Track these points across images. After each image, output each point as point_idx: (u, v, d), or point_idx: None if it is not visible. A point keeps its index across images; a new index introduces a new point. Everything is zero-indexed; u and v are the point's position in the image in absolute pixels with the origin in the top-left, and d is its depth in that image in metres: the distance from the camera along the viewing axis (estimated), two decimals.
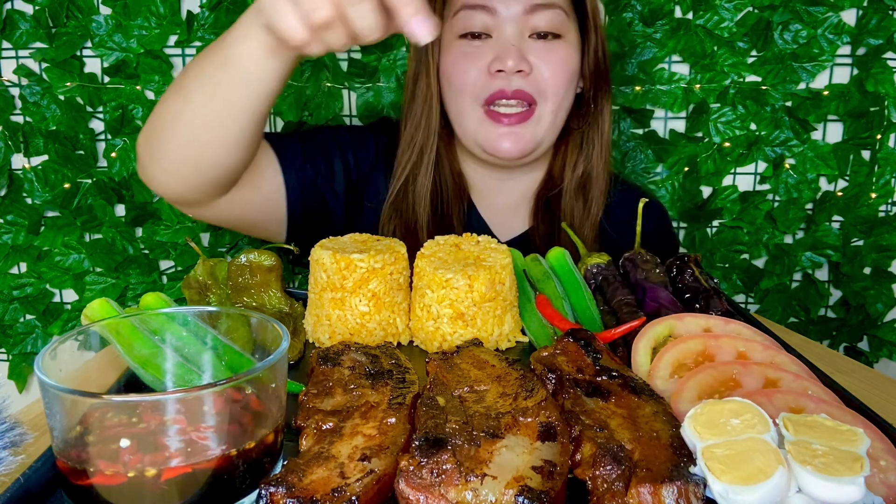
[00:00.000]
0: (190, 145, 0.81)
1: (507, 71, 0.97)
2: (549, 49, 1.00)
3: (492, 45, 1.00)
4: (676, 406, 0.52)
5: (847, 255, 1.43)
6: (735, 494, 0.39)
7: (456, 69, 1.01)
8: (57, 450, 0.43)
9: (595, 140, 1.09)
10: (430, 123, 1.05)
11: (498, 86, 0.98)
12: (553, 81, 1.00)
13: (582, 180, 1.09)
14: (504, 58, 0.97)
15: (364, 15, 0.59)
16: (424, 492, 0.43)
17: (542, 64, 0.99)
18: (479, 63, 0.99)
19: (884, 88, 1.34)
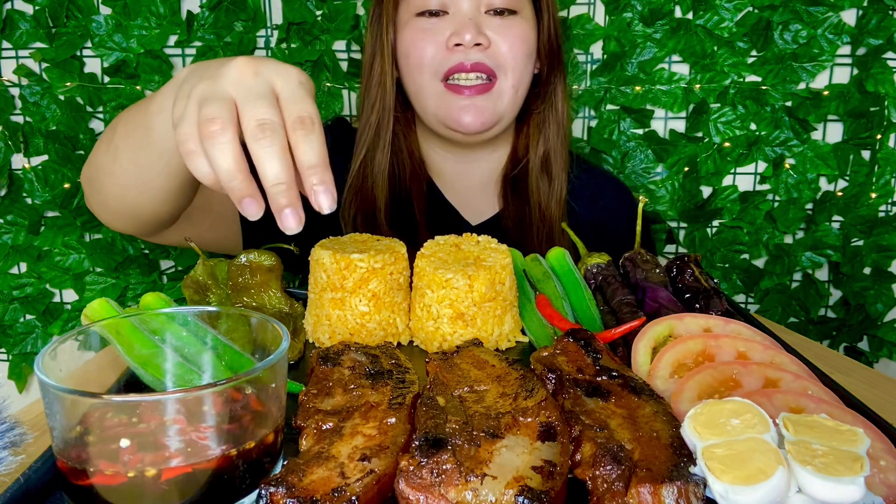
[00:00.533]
0: (123, 197, 0.81)
1: (466, 44, 0.97)
2: (506, 24, 1.01)
3: (448, 20, 1.00)
4: (676, 406, 0.52)
5: (847, 255, 1.43)
6: (735, 494, 0.39)
7: (414, 46, 1.01)
8: (57, 450, 0.43)
9: (550, 119, 1.09)
10: (385, 103, 1.05)
11: (457, 59, 0.98)
12: (511, 55, 1.00)
13: (543, 159, 1.09)
14: (462, 32, 0.97)
15: (221, 156, 0.52)
16: (424, 492, 0.43)
17: (499, 38, 1.00)
18: (437, 38, 1.00)
19: (884, 88, 1.34)
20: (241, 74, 0.55)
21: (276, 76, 0.55)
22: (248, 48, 1.37)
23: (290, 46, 1.38)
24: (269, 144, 0.52)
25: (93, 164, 0.83)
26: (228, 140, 0.52)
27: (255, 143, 0.52)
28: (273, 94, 0.54)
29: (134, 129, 0.75)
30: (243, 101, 0.53)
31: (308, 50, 1.37)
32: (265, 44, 1.39)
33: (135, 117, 0.75)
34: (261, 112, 0.52)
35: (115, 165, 0.79)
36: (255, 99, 0.53)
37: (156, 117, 0.69)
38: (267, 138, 0.52)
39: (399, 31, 1.03)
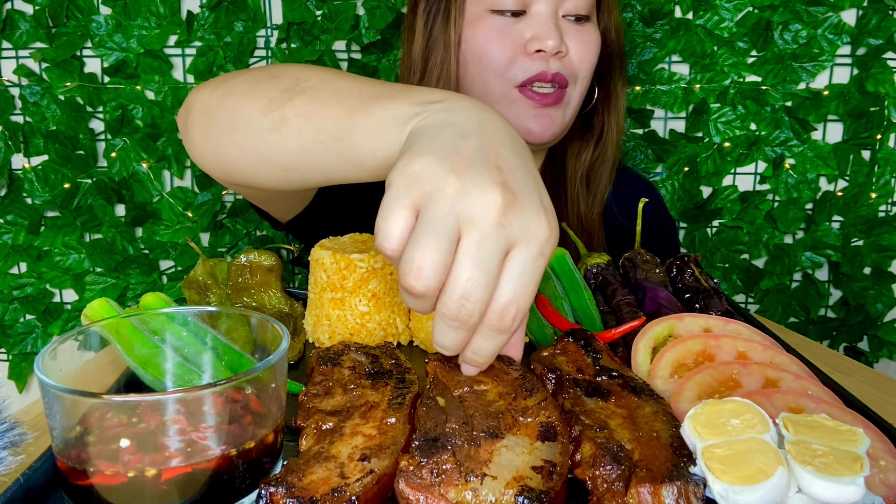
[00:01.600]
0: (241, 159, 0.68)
1: (548, 51, 0.93)
2: (580, 31, 0.97)
3: (526, 22, 0.94)
4: (676, 406, 0.52)
5: (847, 255, 1.43)
6: (735, 494, 0.39)
7: (489, 46, 0.95)
8: (57, 450, 0.43)
9: (612, 124, 1.06)
10: None
11: (538, 67, 0.93)
12: (584, 65, 0.97)
13: (591, 165, 1.07)
14: (544, 38, 0.92)
15: None
16: (424, 492, 0.43)
17: (573, 46, 0.96)
18: (514, 41, 0.94)
19: (884, 88, 1.34)
20: (486, 211, 0.43)
21: (521, 238, 0.44)
22: (248, 48, 1.37)
23: (290, 46, 1.38)
24: (456, 325, 0.45)
25: (233, 108, 0.67)
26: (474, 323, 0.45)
27: (442, 316, 0.45)
28: (502, 259, 0.44)
29: (322, 119, 0.59)
30: (465, 254, 0.43)
31: (308, 50, 1.37)
32: (265, 44, 1.39)
33: (334, 108, 0.59)
34: (473, 288, 0.43)
35: (265, 134, 0.63)
36: (478, 265, 0.43)
37: (361, 136, 0.56)
38: (459, 320, 0.44)
39: (467, 26, 0.96)
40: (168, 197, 1.42)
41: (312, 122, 0.60)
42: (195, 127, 0.73)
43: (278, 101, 0.63)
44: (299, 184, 0.66)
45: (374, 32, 1.35)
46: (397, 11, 1.35)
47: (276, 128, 0.62)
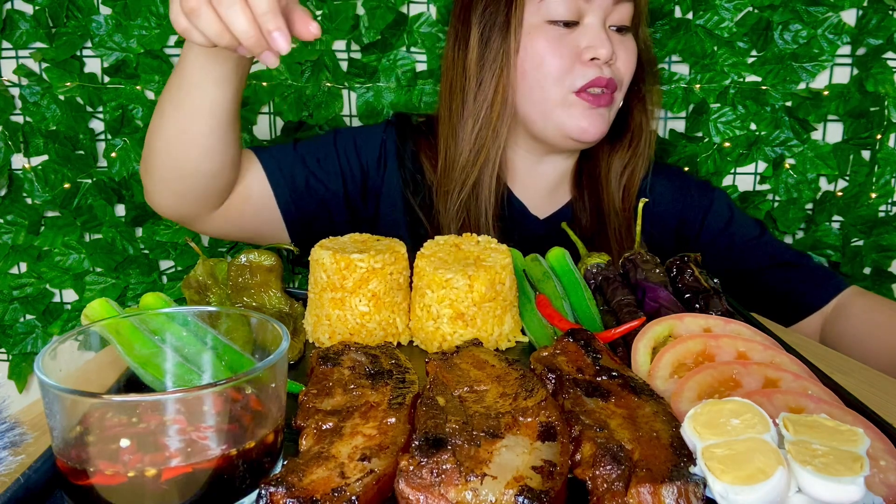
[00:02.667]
0: (168, 154, 0.89)
1: (601, 59, 1.00)
2: (624, 41, 1.05)
3: (579, 32, 1.01)
4: (676, 406, 0.52)
5: (847, 255, 1.43)
6: (735, 494, 0.39)
7: (548, 54, 1.01)
8: (57, 450, 0.43)
9: (646, 124, 1.13)
10: (506, 110, 1.04)
11: (594, 74, 1.00)
12: (627, 71, 1.05)
13: (626, 162, 1.13)
14: (599, 47, 0.99)
15: (229, 4, 0.63)
16: (424, 492, 0.43)
17: (620, 54, 1.03)
18: (571, 50, 1.01)
19: (884, 88, 1.34)
20: None
21: None
22: None
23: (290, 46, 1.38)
24: (229, 4, 0.63)
25: (148, 133, 0.91)
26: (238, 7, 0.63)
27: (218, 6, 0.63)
28: None
29: (173, 79, 0.85)
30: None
31: (308, 50, 1.37)
32: None
33: (175, 70, 0.85)
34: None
35: (160, 121, 0.87)
36: None
37: (185, 56, 0.81)
38: None
39: (525, 36, 1.02)
40: None
41: (169, 87, 0.86)
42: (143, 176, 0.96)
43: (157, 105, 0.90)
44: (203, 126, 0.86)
45: (374, 32, 1.35)
46: (397, 11, 1.35)
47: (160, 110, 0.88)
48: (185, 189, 0.92)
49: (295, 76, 1.37)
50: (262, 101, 1.38)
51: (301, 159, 1.06)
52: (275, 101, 1.39)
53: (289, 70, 1.37)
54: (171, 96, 0.85)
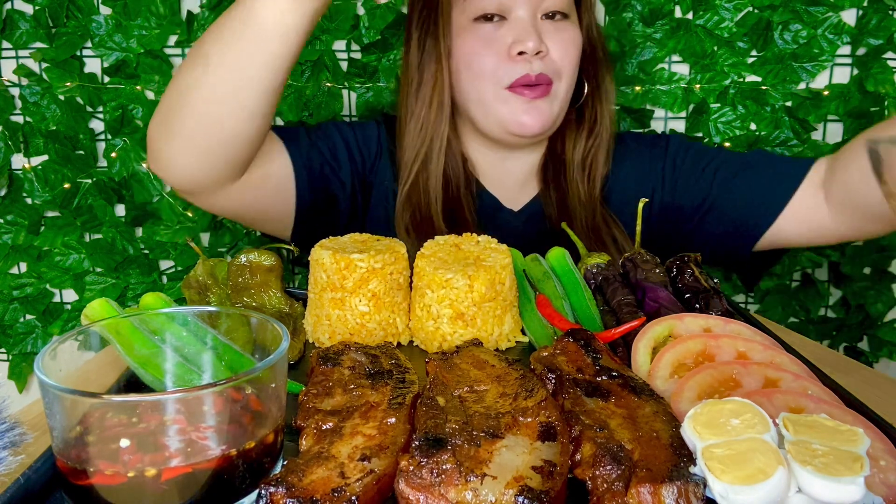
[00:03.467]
0: (208, 116, 0.81)
1: (529, 53, 0.98)
2: (559, 29, 1.02)
3: (507, 27, 1.00)
4: (676, 406, 0.52)
5: (847, 255, 1.43)
6: (735, 494, 0.39)
7: (476, 55, 1.01)
8: (57, 450, 0.43)
9: (604, 111, 1.11)
10: (442, 110, 1.05)
11: (521, 70, 0.99)
12: (566, 61, 1.02)
13: (585, 155, 1.12)
14: (525, 40, 0.98)
15: None
16: (424, 492, 0.43)
17: (553, 45, 1.01)
18: (498, 47, 1.00)
19: (884, 88, 1.34)
20: None
21: None
22: None
23: None
24: None
25: (174, 87, 0.82)
26: None
27: None
28: None
29: (227, 26, 0.76)
30: None
31: (308, 50, 1.37)
32: None
33: (229, 15, 0.76)
34: None
35: (204, 74, 0.78)
36: None
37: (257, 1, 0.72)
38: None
39: (456, 37, 1.03)
40: (168, 197, 1.42)
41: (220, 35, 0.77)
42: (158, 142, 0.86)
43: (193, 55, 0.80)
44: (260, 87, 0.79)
45: (374, 32, 1.35)
46: (397, 11, 1.35)
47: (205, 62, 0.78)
48: (215, 155, 0.85)
49: (295, 76, 1.37)
50: None
51: (315, 146, 1.05)
52: None
53: None
54: (228, 49, 0.77)
